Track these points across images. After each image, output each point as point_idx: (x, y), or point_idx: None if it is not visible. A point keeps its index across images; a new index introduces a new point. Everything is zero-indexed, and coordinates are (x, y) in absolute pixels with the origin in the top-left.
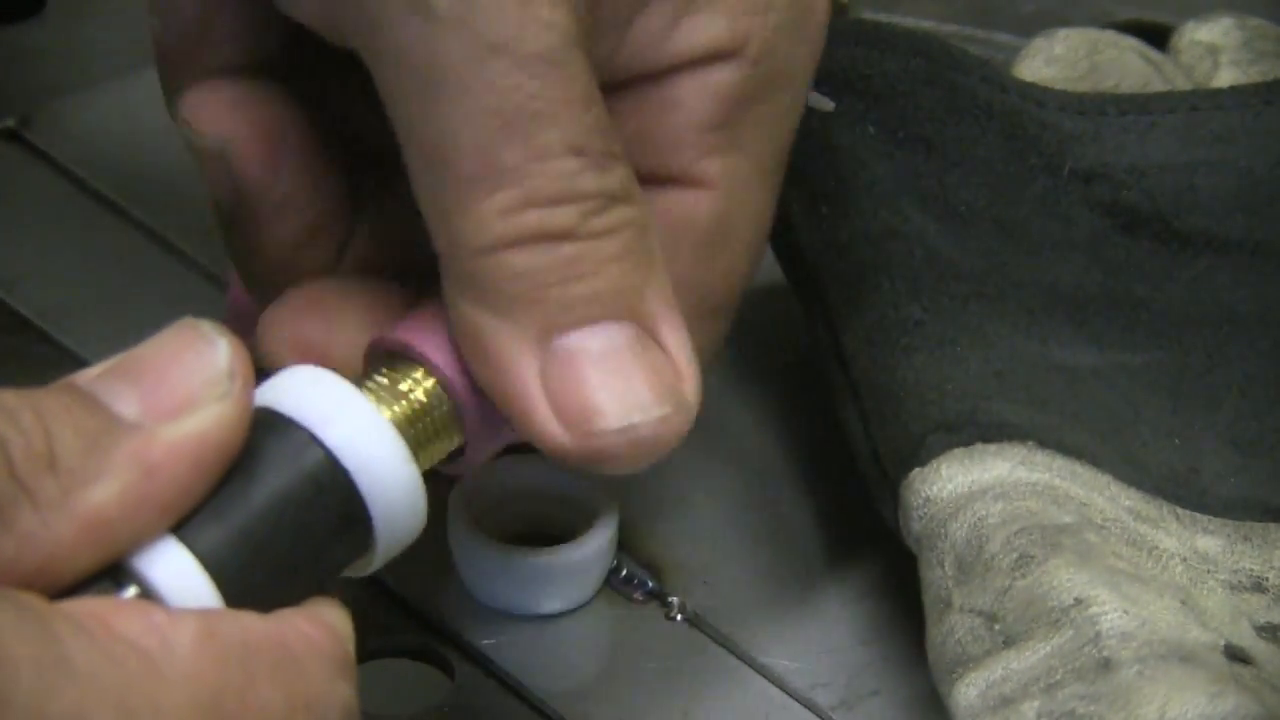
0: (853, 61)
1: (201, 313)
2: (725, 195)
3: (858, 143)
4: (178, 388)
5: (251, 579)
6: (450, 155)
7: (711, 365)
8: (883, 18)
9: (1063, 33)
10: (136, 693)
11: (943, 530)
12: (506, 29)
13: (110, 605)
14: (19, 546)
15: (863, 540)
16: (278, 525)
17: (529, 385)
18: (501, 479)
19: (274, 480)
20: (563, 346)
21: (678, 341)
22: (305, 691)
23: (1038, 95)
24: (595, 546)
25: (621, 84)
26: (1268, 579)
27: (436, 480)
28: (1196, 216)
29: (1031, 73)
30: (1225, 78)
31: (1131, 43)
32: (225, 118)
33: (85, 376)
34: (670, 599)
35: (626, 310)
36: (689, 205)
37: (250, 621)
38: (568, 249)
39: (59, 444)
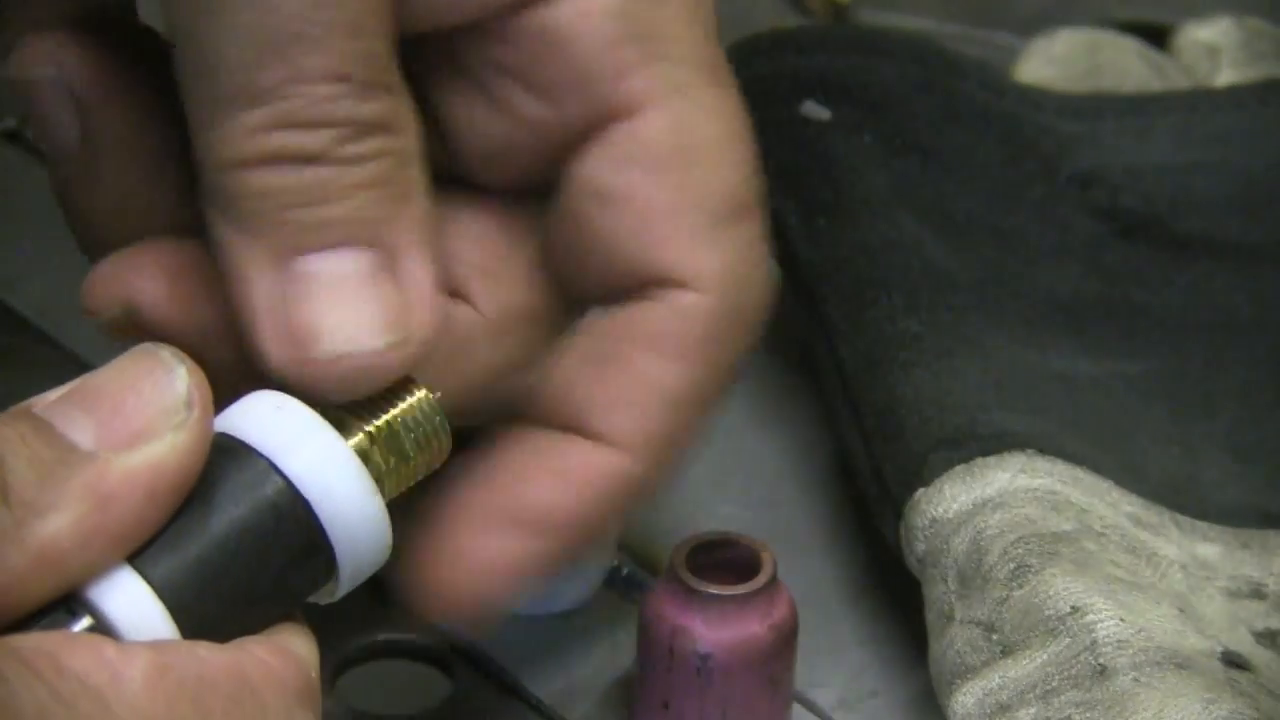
0: (848, 70)
1: None
2: (669, 108)
3: (854, 153)
4: (134, 416)
5: (208, 609)
6: (211, 70)
7: (763, 265)
8: (882, 17)
9: (1063, 33)
10: None
11: (946, 547)
12: None
13: (60, 641)
14: None
15: (863, 541)
16: (235, 555)
17: (257, 301)
18: None
19: (232, 509)
20: (298, 267)
21: (420, 275)
22: None
23: (1035, 99)
24: (595, 547)
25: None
26: (1267, 585)
27: None
28: (1194, 219)
29: (1031, 73)
30: (1225, 78)
31: (1131, 43)
32: (60, 53)
33: (42, 403)
34: None
35: (369, 238)
36: (638, 134)
37: (205, 653)
38: (314, 172)
39: (13, 474)
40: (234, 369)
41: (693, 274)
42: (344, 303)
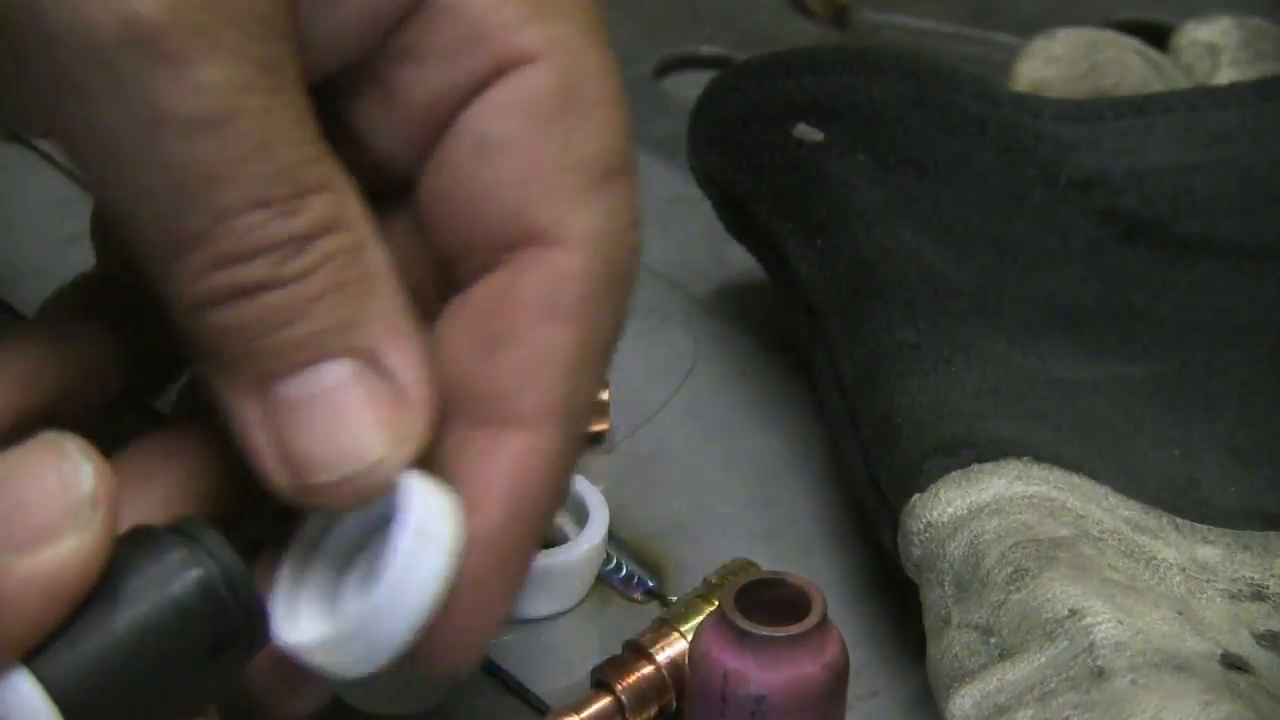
0: (839, 90)
1: None
2: (556, 61)
3: (849, 171)
4: (35, 515)
5: (108, 709)
6: (140, 230)
7: (637, 224)
8: (883, 17)
9: (1063, 33)
10: None
11: (941, 551)
12: (163, 101)
13: None
14: None
15: (863, 542)
16: (135, 654)
17: (251, 434)
18: None
19: (135, 607)
20: (281, 394)
21: (405, 363)
22: None
23: (1033, 106)
24: (586, 549)
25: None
26: (1268, 587)
27: None
28: (1195, 220)
29: (1031, 73)
30: (1225, 77)
31: (1131, 42)
32: None
33: None
34: (670, 599)
35: (342, 347)
36: (524, 83)
37: None
38: (266, 299)
39: None
40: None
41: (568, 232)
42: (334, 421)
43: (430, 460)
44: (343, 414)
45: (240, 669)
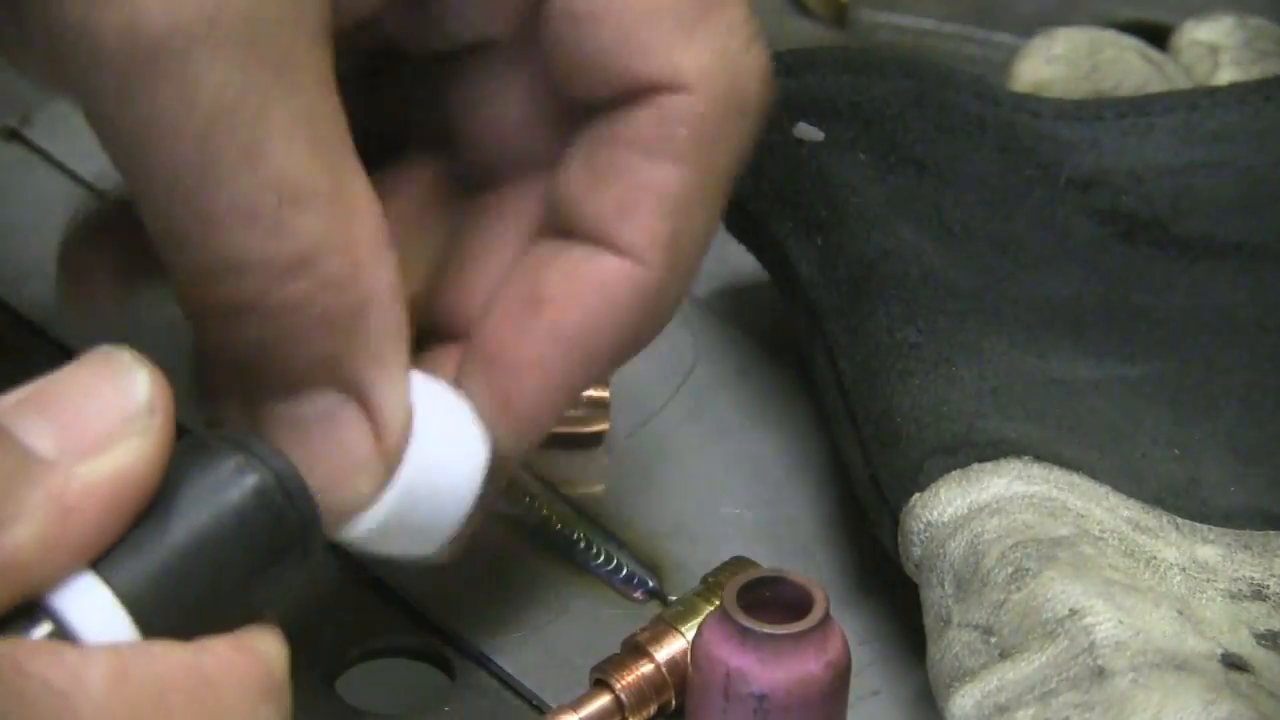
0: (839, 89)
1: None
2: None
3: (849, 170)
4: (95, 423)
5: (171, 613)
6: (145, 220)
7: (751, 48)
8: (882, 18)
9: (1063, 33)
10: None
11: (942, 550)
12: (157, 107)
13: (21, 646)
14: None
15: (863, 541)
16: (197, 559)
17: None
18: None
19: (195, 513)
20: (264, 414)
21: (388, 398)
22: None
23: (1033, 106)
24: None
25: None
26: (1268, 586)
27: None
28: (1195, 220)
29: (1031, 72)
30: (1225, 77)
31: (1131, 43)
32: None
33: (1, 407)
34: (670, 599)
35: (329, 379)
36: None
37: (165, 653)
38: (255, 322)
39: None
40: None
41: (675, 75)
42: (310, 448)
43: (527, 266)
44: (324, 446)
45: (298, 575)
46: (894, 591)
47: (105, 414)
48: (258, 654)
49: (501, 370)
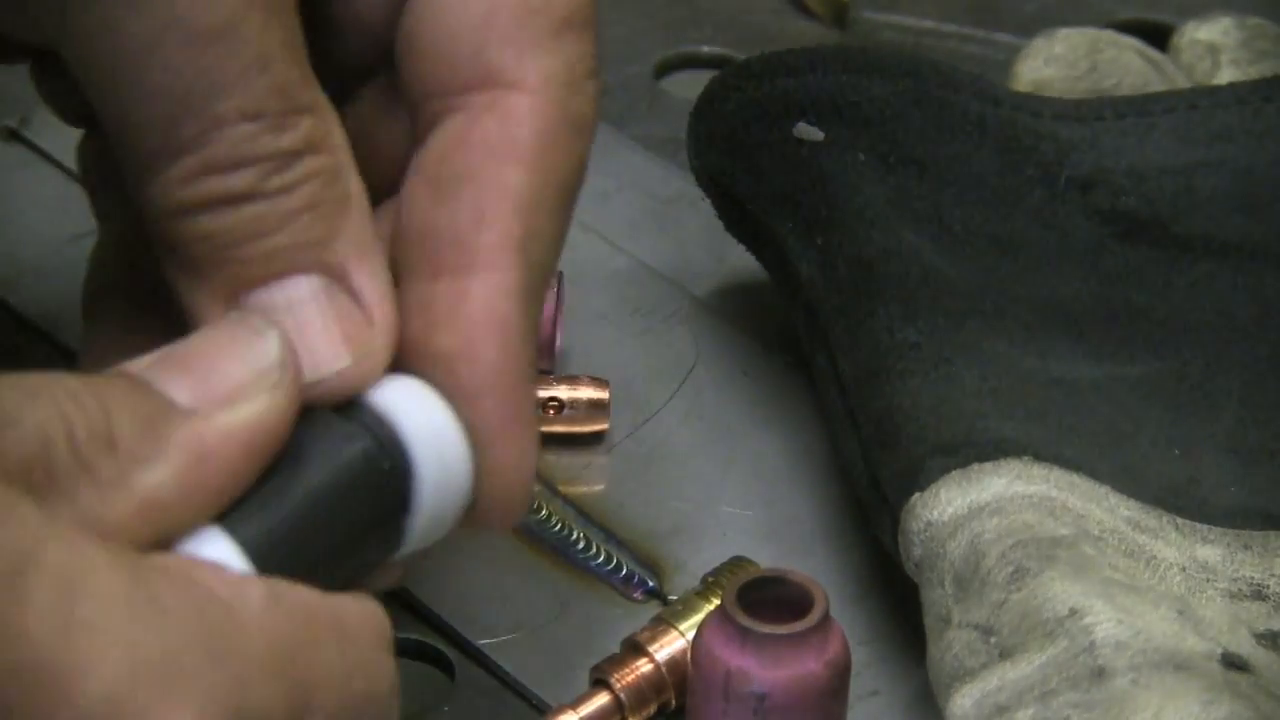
0: (839, 88)
1: None
2: None
3: (849, 170)
4: (230, 376)
5: (293, 568)
6: (135, 131)
7: (593, 79)
8: (882, 18)
9: (1063, 33)
10: (220, 638)
11: (942, 550)
12: (175, 8)
13: (189, 562)
14: (79, 522)
15: (863, 541)
16: (319, 518)
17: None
18: None
19: (316, 474)
20: (249, 303)
21: (370, 286)
22: (360, 658)
23: (1033, 106)
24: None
25: None
26: (1268, 586)
27: None
28: (1195, 219)
29: (1031, 72)
30: (1225, 77)
31: (1131, 42)
32: None
33: (137, 365)
34: (670, 598)
35: (313, 262)
36: None
37: (308, 592)
38: (249, 209)
39: (118, 425)
40: None
41: (525, 75)
42: (300, 331)
43: (404, 318)
44: (310, 326)
45: (399, 542)
46: (894, 591)
47: (240, 369)
48: (377, 612)
49: None
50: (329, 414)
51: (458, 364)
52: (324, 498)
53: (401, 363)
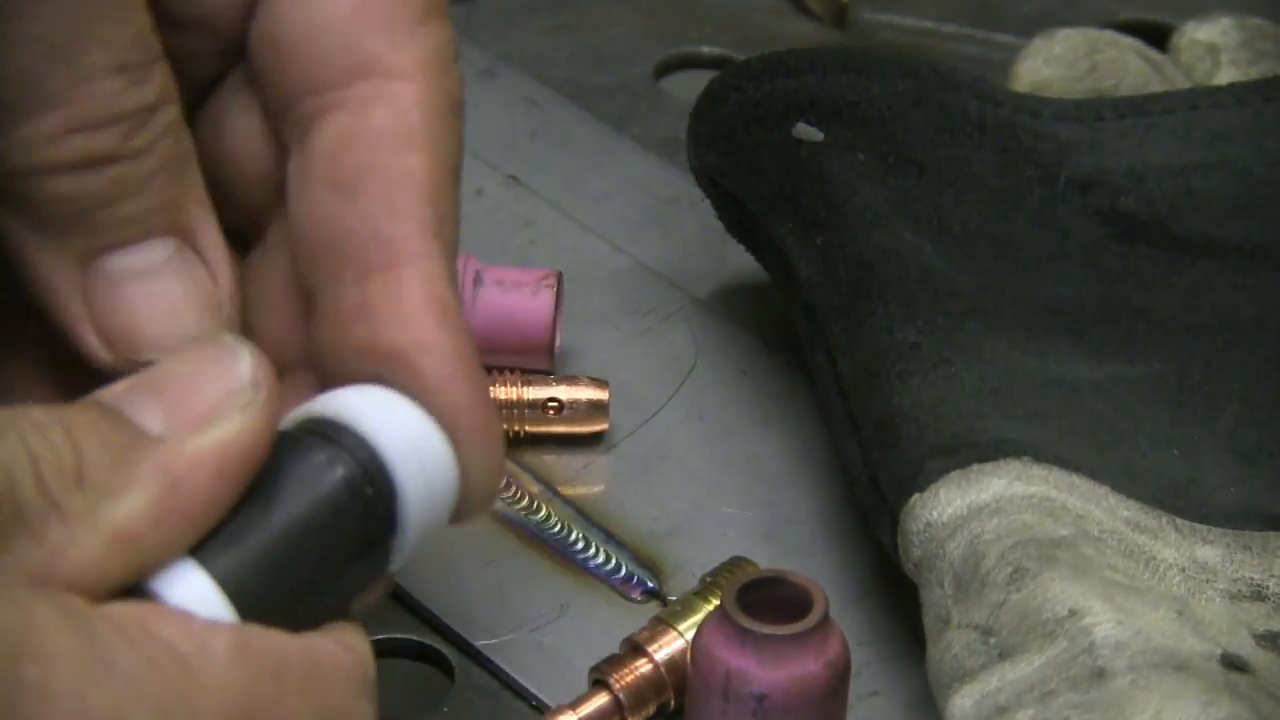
0: (839, 89)
1: None
2: None
3: (849, 170)
4: (201, 399)
5: (269, 602)
6: (1, 81)
7: (458, 58)
8: (882, 18)
9: (1063, 33)
10: (174, 696)
11: (941, 551)
12: None
13: (150, 610)
14: (49, 560)
15: (863, 540)
16: (296, 550)
17: (73, 307)
18: None
19: (293, 505)
20: (105, 267)
21: (213, 241)
22: (332, 708)
23: (1033, 106)
24: None
25: None
26: (1268, 587)
27: None
28: (1195, 220)
29: (1031, 73)
30: (1225, 77)
31: (1131, 43)
32: None
33: (110, 393)
34: (670, 599)
35: (167, 225)
36: None
37: (281, 638)
38: (112, 171)
39: (87, 459)
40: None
41: (402, 62)
42: (157, 296)
43: (338, 323)
44: (165, 291)
45: (382, 568)
46: (894, 591)
47: (211, 391)
48: (355, 650)
49: None
50: (307, 435)
51: (416, 357)
52: (304, 528)
53: (354, 370)
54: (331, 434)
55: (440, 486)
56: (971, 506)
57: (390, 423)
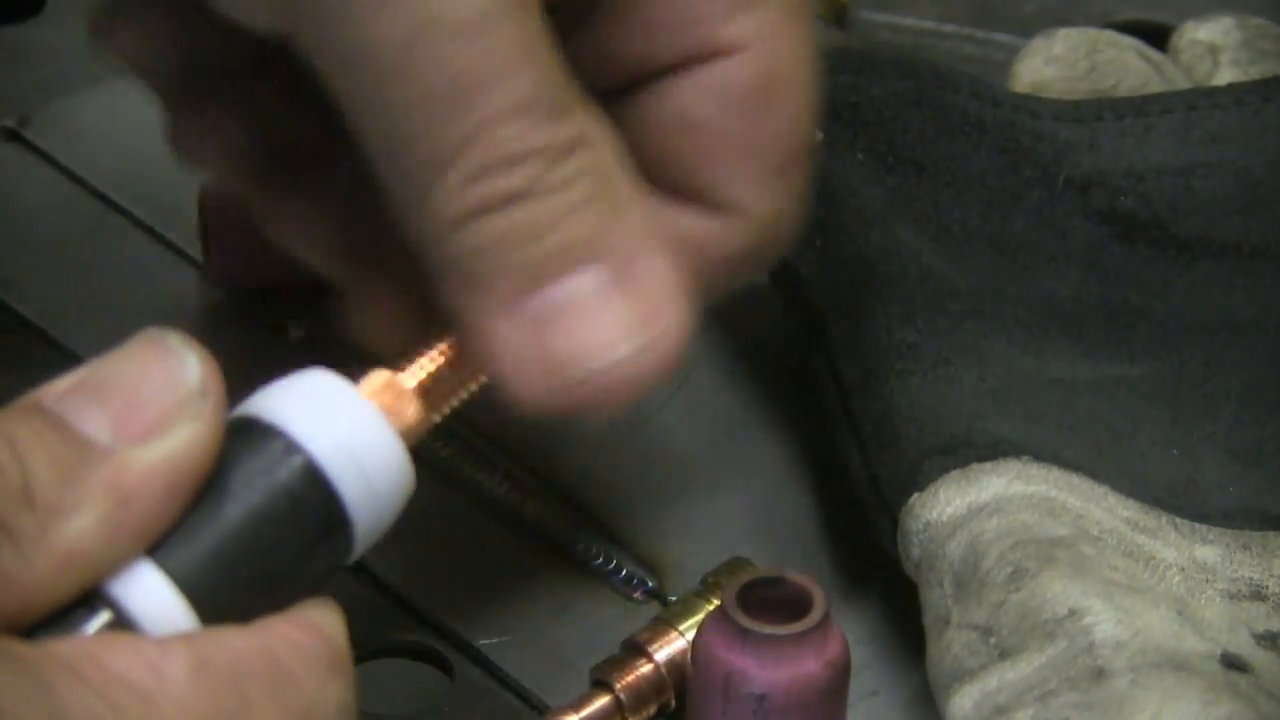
0: (838, 89)
1: (203, 312)
2: (761, 52)
3: (848, 170)
4: (148, 408)
5: (228, 597)
6: (401, 143)
7: (796, 223)
8: (882, 18)
9: (1063, 33)
10: None
11: (941, 551)
12: (431, 6)
13: (102, 643)
14: (2, 586)
15: (863, 541)
16: (251, 542)
17: (503, 350)
18: None
19: (247, 496)
20: (533, 304)
21: (653, 271)
22: (300, 702)
23: (1032, 106)
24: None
25: None
26: (1267, 587)
27: None
28: (1194, 220)
29: (1031, 72)
30: (1225, 77)
31: (1131, 43)
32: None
33: (52, 394)
34: (670, 599)
35: (596, 252)
36: (729, 73)
37: (236, 640)
38: (527, 209)
39: (34, 477)
40: None
41: (738, 38)
42: (586, 321)
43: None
44: (592, 317)
45: (346, 551)
46: (894, 591)
47: (158, 399)
48: (319, 629)
49: None
50: (262, 426)
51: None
52: (259, 520)
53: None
54: (289, 421)
55: (385, 478)
56: (971, 506)
57: (314, 420)
